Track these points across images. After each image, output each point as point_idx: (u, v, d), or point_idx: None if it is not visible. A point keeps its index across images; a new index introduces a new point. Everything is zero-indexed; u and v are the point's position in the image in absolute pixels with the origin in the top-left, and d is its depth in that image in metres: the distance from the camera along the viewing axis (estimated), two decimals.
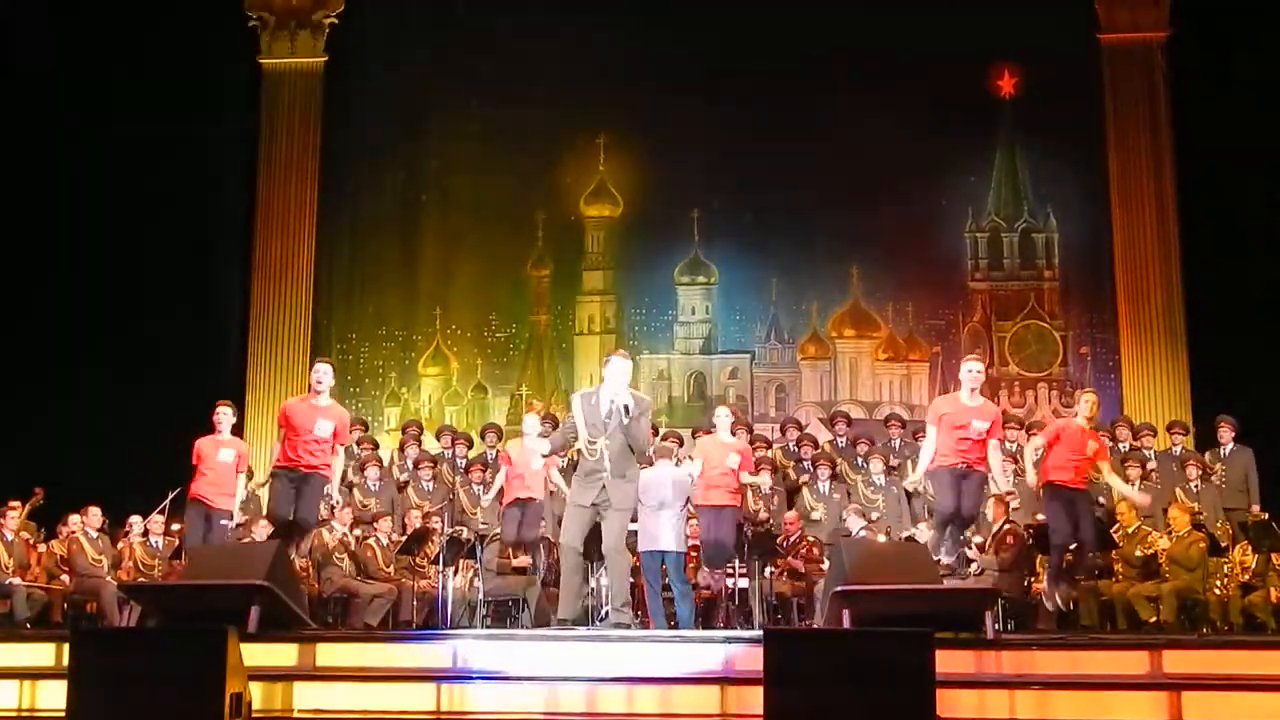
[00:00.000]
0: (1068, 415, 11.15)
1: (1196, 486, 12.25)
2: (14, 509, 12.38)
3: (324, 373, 9.86)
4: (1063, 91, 16.77)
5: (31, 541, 12.81)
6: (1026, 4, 16.42)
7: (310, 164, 17.60)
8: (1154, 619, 10.80)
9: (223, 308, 16.64)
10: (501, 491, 11.93)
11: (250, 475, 11.61)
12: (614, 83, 16.82)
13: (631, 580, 11.88)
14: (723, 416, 11.20)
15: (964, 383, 9.70)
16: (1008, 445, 12.94)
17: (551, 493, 11.83)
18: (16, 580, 11.95)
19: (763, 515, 12.03)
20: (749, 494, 11.77)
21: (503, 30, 17.08)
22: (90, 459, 14.47)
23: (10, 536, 12.27)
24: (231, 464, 10.46)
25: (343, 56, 17.64)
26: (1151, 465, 12.57)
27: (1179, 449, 13.04)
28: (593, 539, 11.68)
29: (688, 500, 10.54)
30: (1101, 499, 11.80)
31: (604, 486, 8.94)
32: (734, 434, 11.39)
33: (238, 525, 11.01)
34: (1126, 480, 11.24)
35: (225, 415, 10.67)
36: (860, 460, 13.23)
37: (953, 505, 9.40)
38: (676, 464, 11.09)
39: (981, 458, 9.53)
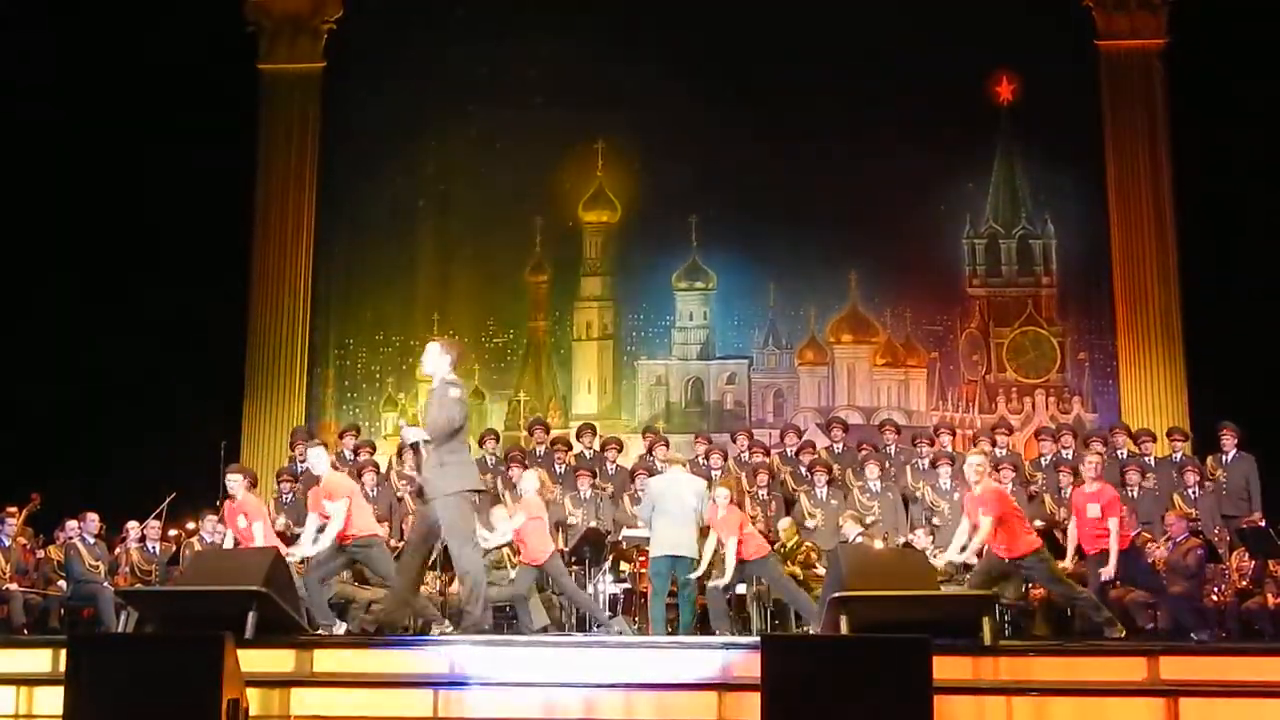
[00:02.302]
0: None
1: (1195, 493, 12.24)
2: (11, 514, 12.40)
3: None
4: (1061, 99, 16.81)
5: (29, 547, 12.81)
6: (1025, 11, 16.45)
7: (308, 169, 17.61)
8: (1151, 625, 10.80)
9: (221, 313, 16.61)
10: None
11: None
12: (612, 89, 16.82)
13: (628, 586, 11.97)
14: (722, 497, 11.03)
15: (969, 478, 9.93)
16: (998, 451, 13.01)
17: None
18: (14, 586, 11.96)
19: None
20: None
21: (500, 36, 17.09)
22: (88, 465, 14.46)
23: (7, 542, 12.28)
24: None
25: (341, 62, 17.64)
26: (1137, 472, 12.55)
27: (1179, 455, 13.03)
28: (586, 541, 11.75)
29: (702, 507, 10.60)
30: None
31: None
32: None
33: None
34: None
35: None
36: (859, 467, 13.23)
37: None
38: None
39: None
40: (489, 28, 17.12)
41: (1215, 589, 11.37)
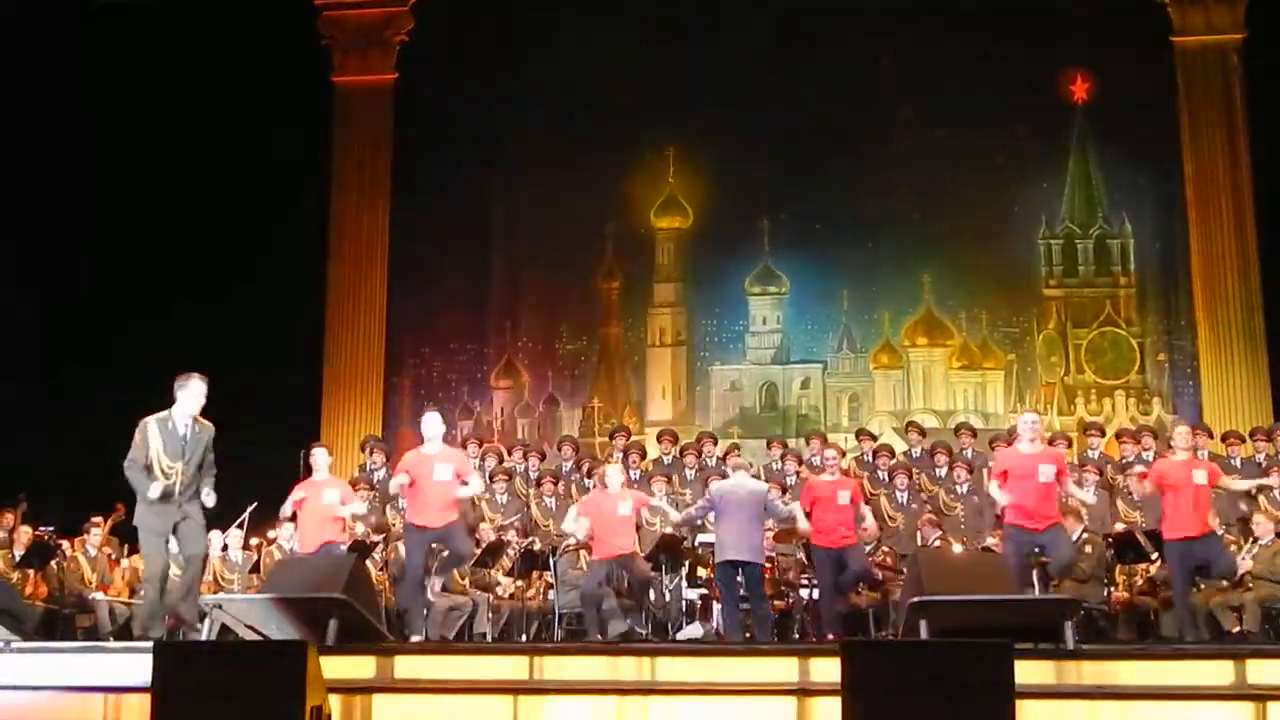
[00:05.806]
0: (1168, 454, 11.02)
1: None
2: (96, 525, 12.63)
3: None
4: (1136, 95, 16.58)
5: (113, 556, 13.02)
6: (1098, 8, 16.26)
7: (382, 180, 17.81)
8: (1237, 629, 10.63)
9: (297, 324, 16.77)
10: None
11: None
12: (681, 95, 16.84)
13: (705, 591, 11.95)
14: (830, 456, 11.31)
15: (1022, 434, 9.89)
16: (1090, 453, 12.88)
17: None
18: (99, 595, 12.17)
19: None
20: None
21: (570, 45, 17.14)
22: None
23: (93, 552, 12.52)
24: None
25: (413, 74, 17.81)
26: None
27: (1262, 456, 12.81)
28: (662, 547, 11.72)
29: (765, 511, 10.56)
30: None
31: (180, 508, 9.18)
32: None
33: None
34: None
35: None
36: (938, 471, 13.13)
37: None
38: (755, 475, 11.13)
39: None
40: (559, 37, 17.18)
41: None
